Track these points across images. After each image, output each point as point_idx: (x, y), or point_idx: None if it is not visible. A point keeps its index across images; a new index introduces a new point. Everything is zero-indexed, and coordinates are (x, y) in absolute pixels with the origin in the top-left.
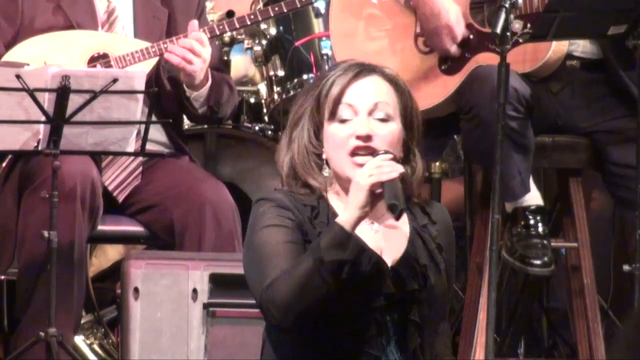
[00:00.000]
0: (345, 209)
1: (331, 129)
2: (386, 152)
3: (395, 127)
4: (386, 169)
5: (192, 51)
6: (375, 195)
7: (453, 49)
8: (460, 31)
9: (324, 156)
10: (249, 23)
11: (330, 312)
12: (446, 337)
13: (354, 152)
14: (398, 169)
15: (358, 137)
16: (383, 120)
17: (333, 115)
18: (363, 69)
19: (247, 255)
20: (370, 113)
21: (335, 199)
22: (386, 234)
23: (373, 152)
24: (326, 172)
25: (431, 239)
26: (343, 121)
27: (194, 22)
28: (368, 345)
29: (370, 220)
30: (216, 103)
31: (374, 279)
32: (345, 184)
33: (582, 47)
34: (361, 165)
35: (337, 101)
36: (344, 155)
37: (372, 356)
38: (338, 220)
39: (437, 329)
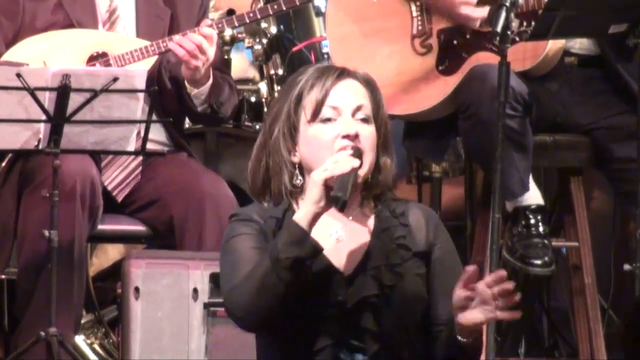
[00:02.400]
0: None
1: (313, 131)
2: (354, 148)
3: (373, 129)
4: (340, 163)
5: (200, 48)
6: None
7: (475, 12)
8: None
9: (295, 160)
10: (247, 21)
11: (283, 323)
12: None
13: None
14: (353, 163)
15: (345, 137)
16: (364, 121)
17: (315, 116)
18: (343, 71)
19: (220, 267)
20: (354, 114)
21: None
22: (349, 243)
23: (357, 148)
24: (298, 181)
25: (392, 240)
26: (326, 121)
27: (207, 21)
28: (319, 356)
29: (335, 230)
30: (217, 102)
31: (327, 288)
32: None
33: (579, 43)
34: None
35: (321, 102)
36: (330, 155)
37: None
38: (294, 217)
39: (415, 335)
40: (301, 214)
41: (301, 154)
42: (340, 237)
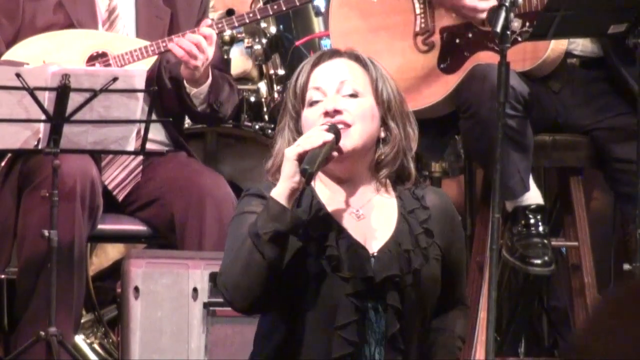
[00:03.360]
0: (279, 182)
1: (305, 114)
2: (330, 124)
3: (366, 102)
4: (313, 138)
5: (199, 47)
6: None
7: (480, 4)
8: None
9: None
10: (247, 21)
11: (307, 296)
12: (453, 331)
13: None
14: (324, 137)
15: (325, 114)
16: (352, 95)
17: (304, 101)
18: (325, 54)
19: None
20: (338, 91)
21: (321, 187)
22: (372, 221)
23: (333, 124)
24: None
25: (418, 224)
26: (314, 104)
27: (208, 21)
28: (345, 330)
29: (355, 208)
30: (216, 101)
31: (351, 263)
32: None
33: (581, 45)
34: None
35: (305, 87)
36: None
37: (347, 342)
38: (272, 193)
39: (426, 318)
40: (278, 190)
41: None
42: (361, 215)
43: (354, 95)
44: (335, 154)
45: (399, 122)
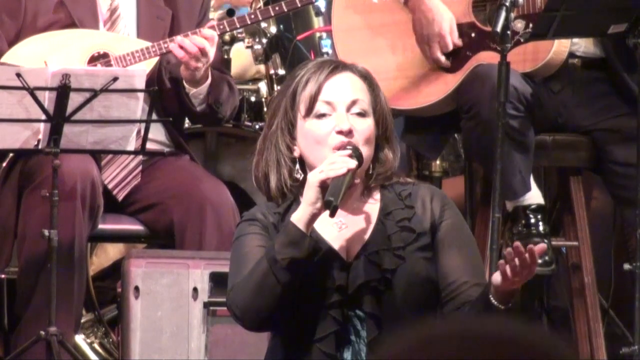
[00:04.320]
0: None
1: (309, 125)
2: (353, 147)
3: (371, 123)
4: (337, 164)
5: (203, 50)
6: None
7: (442, 59)
8: (451, 41)
9: (296, 154)
10: (249, 22)
11: (286, 310)
12: None
13: (339, 149)
14: (349, 165)
15: (339, 132)
16: (360, 115)
17: (309, 111)
18: (338, 65)
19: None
20: (348, 109)
21: None
22: (353, 229)
23: (355, 147)
24: (298, 175)
25: (394, 223)
26: (321, 117)
27: (211, 23)
28: (323, 343)
29: (338, 218)
30: (216, 102)
31: (328, 275)
32: None
33: (583, 47)
34: None
35: (314, 98)
36: (328, 151)
37: (324, 354)
38: (292, 218)
39: (414, 319)
40: (299, 214)
41: (300, 149)
42: (343, 225)
43: (361, 115)
44: (357, 181)
45: (392, 144)
